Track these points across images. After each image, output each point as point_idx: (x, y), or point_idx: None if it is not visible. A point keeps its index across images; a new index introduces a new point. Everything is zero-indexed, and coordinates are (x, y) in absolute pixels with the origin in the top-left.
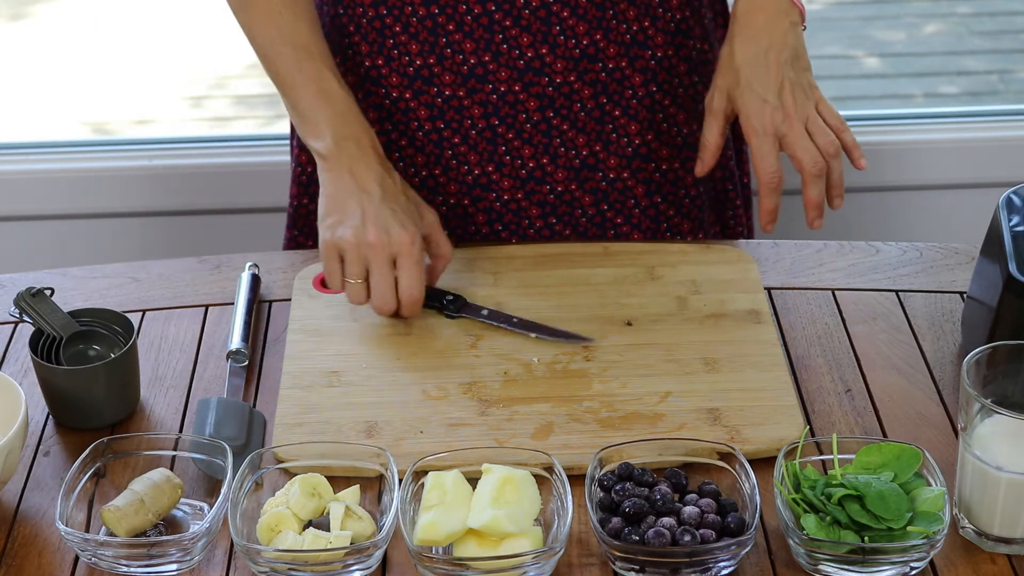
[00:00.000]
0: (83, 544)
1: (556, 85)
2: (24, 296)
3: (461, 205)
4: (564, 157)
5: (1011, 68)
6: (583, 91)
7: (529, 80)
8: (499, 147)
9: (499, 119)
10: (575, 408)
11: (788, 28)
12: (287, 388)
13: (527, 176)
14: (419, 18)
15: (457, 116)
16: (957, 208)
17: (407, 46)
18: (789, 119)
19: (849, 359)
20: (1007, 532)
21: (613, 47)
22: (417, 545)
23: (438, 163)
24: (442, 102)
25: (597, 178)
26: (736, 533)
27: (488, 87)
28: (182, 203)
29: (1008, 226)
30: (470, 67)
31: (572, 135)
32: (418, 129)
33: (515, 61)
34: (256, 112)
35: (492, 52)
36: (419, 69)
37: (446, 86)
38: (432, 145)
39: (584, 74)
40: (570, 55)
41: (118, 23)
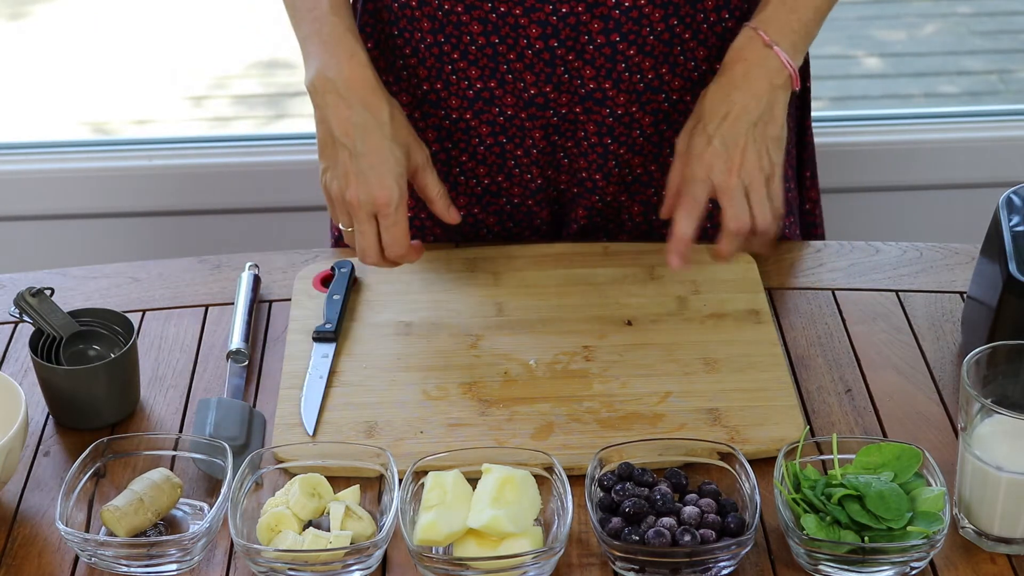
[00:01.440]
0: (83, 544)
1: (617, 116)
2: (24, 296)
3: (525, 204)
4: (617, 175)
5: (1011, 68)
6: (643, 119)
7: (589, 107)
8: (558, 154)
9: (559, 135)
10: (575, 408)
11: (767, 89)
12: (287, 388)
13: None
14: (478, 47)
15: (519, 134)
16: (957, 208)
17: (466, 72)
18: (730, 168)
19: (849, 359)
20: (1007, 532)
21: (678, 80)
22: (417, 545)
23: (500, 172)
24: (504, 121)
25: (649, 193)
26: (736, 533)
27: (549, 112)
28: (182, 203)
29: (1008, 226)
30: (531, 96)
31: (628, 157)
32: (479, 144)
33: (576, 90)
34: (256, 112)
35: (553, 84)
36: (479, 92)
37: (508, 107)
38: (494, 158)
39: (646, 104)
40: (634, 88)
41: (118, 23)
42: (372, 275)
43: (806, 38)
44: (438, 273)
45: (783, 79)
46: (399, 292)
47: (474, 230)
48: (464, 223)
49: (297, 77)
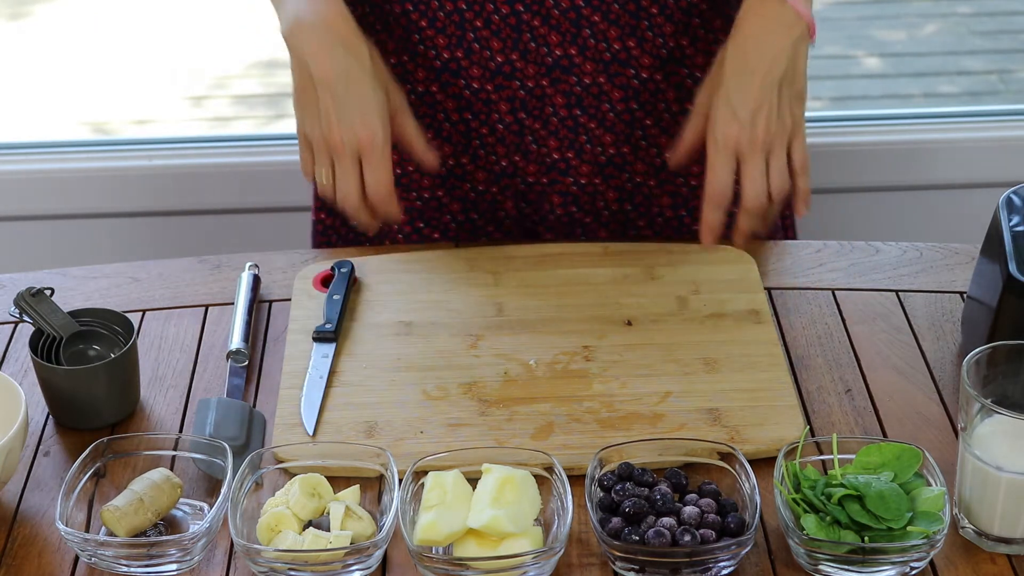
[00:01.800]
0: (83, 544)
1: (584, 85)
2: (24, 296)
3: (490, 192)
4: (590, 152)
5: (1011, 68)
6: (612, 93)
7: (556, 77)
8: (525, 137)
9: (526, 112)
10: (575, 408)
11: (787, 45)
12: (287, 388)
13: (551, 165)
14: (446, 13)
15: (484, 109)
16: (957, 208)
17: (434, 40)
18: (754, 145)
19: (849, 359)
20: (1007, 532)
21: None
22: (417, 545)
23: (465, 152)
24: (470, 95)
25: (623, 178)
26: (736, 533)
27: (516, 83)
28: (182, 203)
29: (1008, 226)
30: (497, 64)
31: (599, 133)
32: (445, 120)
33: (543, 58)
34: (256, 112)
35: (520, 51)
36: (446, 63)
37: (473, 79)
38: (459, 136)
39: (614, 77)
40: (600, 58)
41: (118, 23)
42: (372, 275)
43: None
44: (438, 273)
45: (801, 30)
46: (399, 292)
47: (438, 215)
48: (427, 206)
49: None
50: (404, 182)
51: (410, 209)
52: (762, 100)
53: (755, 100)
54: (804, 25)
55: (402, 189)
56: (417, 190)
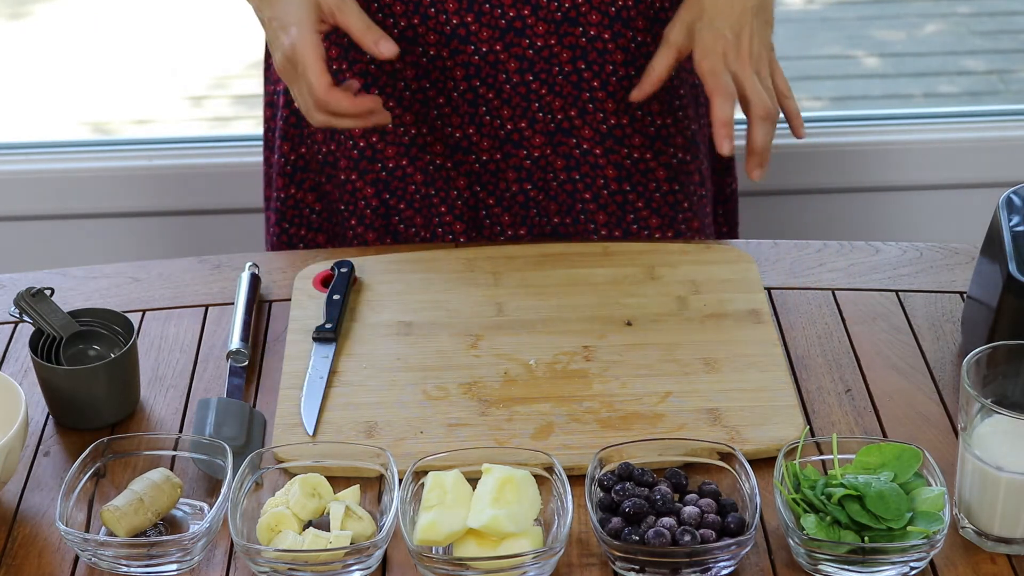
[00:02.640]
0: (83, 544)
1: (536, 48)
2: (24, 296)
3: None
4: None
5: (1011, 68)
6: (562, 54)
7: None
8: (480, 108)
9: (480, 80)
10: (575, 408)
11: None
12: (287, 388)
13: (505, 137)
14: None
15: (441, 77)
16: (957, 208)
17: (392, 7)
18: (742, 59)
19: (849, 359)
20: (1007, 532)
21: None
22: (417, 545)
23: (424, 122)
24: (427, 62)
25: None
26: (736, 533)
27: (470, 48)
28: (182, 203)
29: (1008, 226)
30: (452, 27)
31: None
32: (404, 89)
33: (497, 20)
34: (256, 112)
35: (475, 12)
36: (404, 30)
37: (430, 46)
38: (419, 105)
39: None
40: (552, 18)
41: (118, 23)
42: (372, 275)
43: None
44: (438, 273)
45: None
46: (399, 292)
47: (402, 184)
48: (392, 176)
49: None
50: (368, 154)
51: (375, 181)
52: (743, 23)
53: (738, 23)
54: None
55: (367, 161)
56: (382, 160)
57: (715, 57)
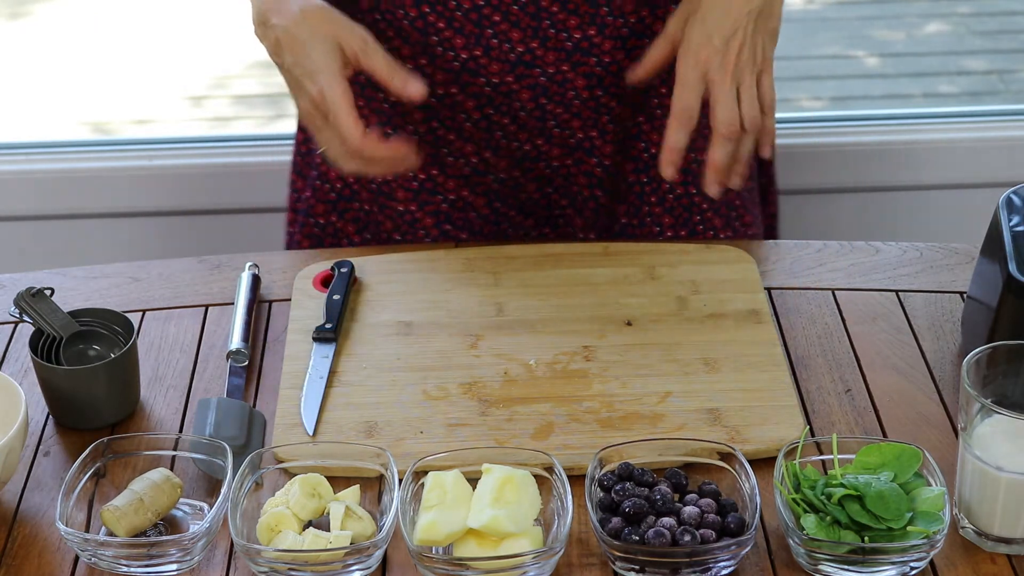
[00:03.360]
0: (83, 544)
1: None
2: (24, 296)
3: (512, 177)
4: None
5: (1011, 68)
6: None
7: (577, 60)
8: (548, 122)
9: (547, 98)
10: (575, 408)
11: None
12: (287, 388)
13: (576, 146)
14: (464, 12)
15: (506, 101)
16: (957, 208)
17: (452, 41)
18: (724, 68)
19: (849, 359)
20: (1007, 532)
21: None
22: (417, 545)
23: (488, 147)
24: (490, 90)
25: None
26: (736, 533)
27: (536, 71)
28: (182, 203)
29: (1008, 226)
30: (518, 55)
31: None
32: (466, 120)
33: (563, 43)
34: (256, 112)
35: (540, 39)
36: (465, 63)
37: (493, 75)
38: (481, 132)
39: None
40: (618, 34)
41: (118, 23)
42: (372, 275)
43: None
44: (438, 273)
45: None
46: (399, 292)
47: (463, 214)
48: (454, 208)
49: None
50: (428, 186)
51: (436, 212)
52: (737, 27)
53: (731, 26)
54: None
55: (427, 193)
56: (443, 192)
57: (693, 63)
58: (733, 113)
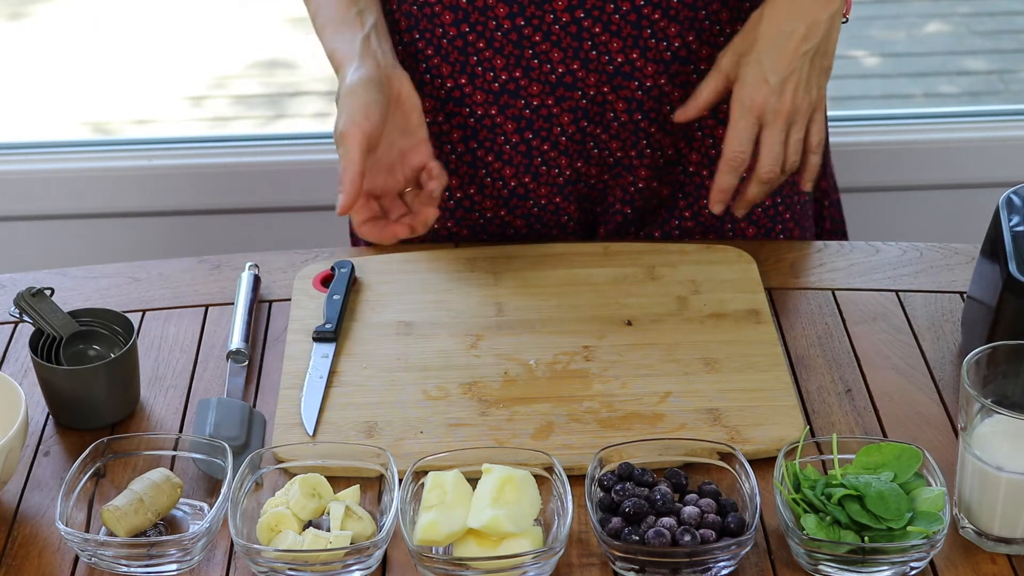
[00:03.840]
0: (83, 544)
1: (646, 88)
2: (24, 296)
3: (553, 203)
4: (650, 157)
5: (1011, 68)
6: (672, 93)
7: (618, 83)
8: (587, 143)
9: (588, 120)
10: (575, 408)
11: (824, 17)
12: (287, 388)
13: (614, 164)
14: (504, 32)
15: (546, 125)
16: (957, 208)
17: (492, 62)
18: (779, 113)
19: (849, 359)
20: (1007, 532)
21: (705, 49)
22: (417, 545)
23: (527, 172)
24: (530, 113)
25: (677, 172)
26: (736, 533)
27: (577, 94)
28: (182, 203)
29: (1008, 226)
30: (558, 76)
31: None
32: (505, 143)
33: (604, 67)
34: (256, 112)
35: (581, 60)
36: (504, 84)
37: (534, 97)
38: (520, 156)
39: (675, 77)
40: (661, 58)
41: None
42: (372, 275)
43: None
44: (438, 273)
45: (838, 4)
46: (399, 292)
47: (501, 231)
48: (491, 224)
49: (296, 77)
50: (466, 204)
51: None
52: (793, 68)
53: (787, 67)
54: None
55: (463, 211)
56: (480, 210)
57: (749, 106)
58: (778, 158)
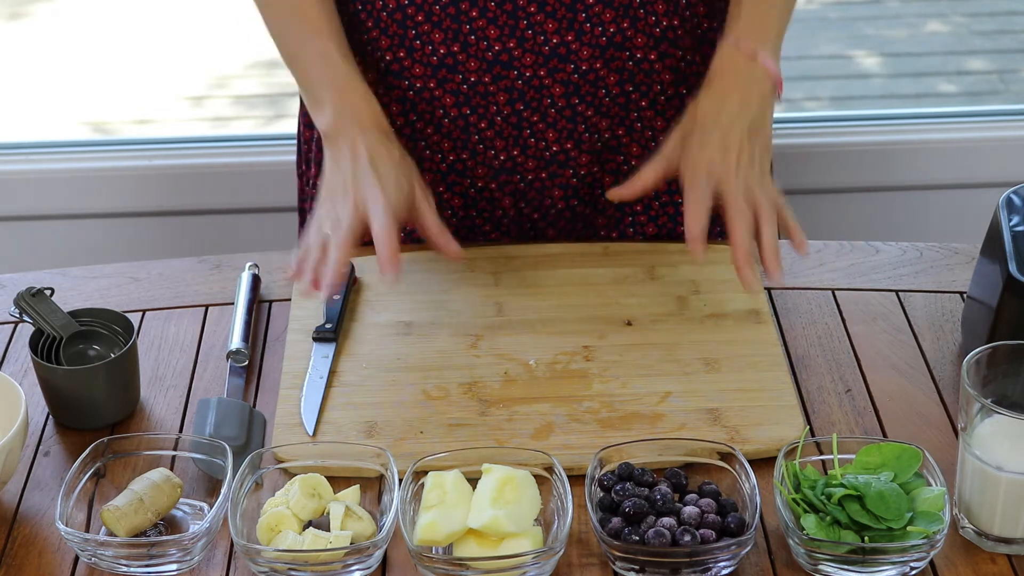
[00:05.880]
0: (83, 544)
1: (582, 72)
2: (24, 296)
3: (488, 188)
4: (588, 141)
5: (1011, 68)
6: (608, 78)
7: (554, 66)
8: (524, 131)
9: (524, 104)
10: (575, 408)
11: (757, 98)
12: (287, 388)
13: (551, 158)
14: (442, 6)
15: (483, 102)
16: (957, 208)
17: (430, 35)
18: (727, 165)
19: (849, 359)
20: (1007, 532)
21: (640, 37)
22: (417, 545)
23: (464, 148)
24: (467, 89)
25: (619, 160)
26: (736, 533)
27: (513, 73)
28: (182, 203)
29: (1008, 226)
30: (495, 53)
31: (596, 120)
32: (443, 117)
33: (540, 47)
34: (256, 112)
35: (517, 39)
36: (443, 58)
37: (471, 73)
38: (458, 131)
39: (610, 62)
40: (596, 43)
41: (118, 23)
42: (372, 275)
43: (780, 39)
44: (438, 273)
45: (769, 86)
46: (399, 292)
47: (439, 210)
48: None
49: None
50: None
51: None
52: (732, 137)
53: (726, 135)
54: (772, 82)
55: None
56: None
57: (698, 167)
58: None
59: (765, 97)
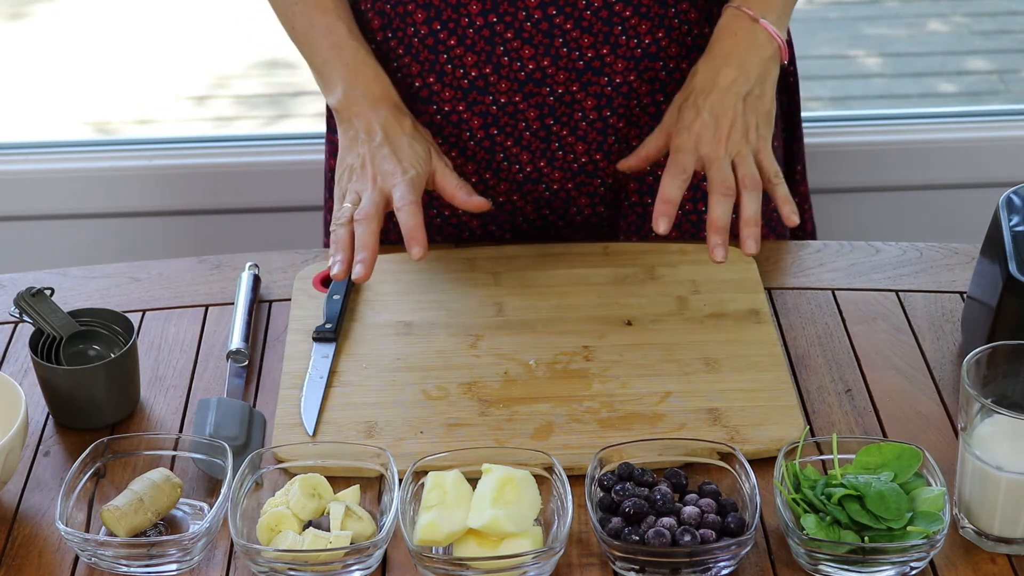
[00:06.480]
0: (83, 544)
1: (615, 85)
2: (24, 296)
3: (510, 200)
4: (617, 152)
5: (1011, 68)
6: (640, 88)
7: (587, 80)
8: (552, 144)
9: (554, 119)
10: (575, 408)
11: (757, 63)
12: (287, 388)
13: (578, 169)
14: (476, 29)
15: (511, 121)
16: (957, 208)
17: (463, 58)
18: (717, 140)
19: (849, 359)
20: (1007, 532)
21: (674, 47)
22: (417, 545)
23: (488, 168)
24: (496, 110)
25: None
26: (736, 533)
27: (545, 90)
28: (182, 203)
29: (1008, 226)
30: (528, 73)
31: (626, 131)
32: (470, 139)
33: (575, 63)
34: (257, 112)
35: (552, 56)
36: (474, 80)
37: (501, 94)
38: (483, 152)
39: (644, 72)
40: (631, 55)
41: (118, 23)
42: (372, 275)
43: (788, 9)
44: (438, 273)
45: (772, 50)
46: (399, 292)
47: (457, 232)
48: (447, 224)
49: (298, 77)
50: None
51: (430, 226)
52: (727, 106)
53: (720, 105)
54: (775, 47)
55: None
56: (438, 207)
57: (686, 135)
58: (727, 173)
59: (766, 63)
